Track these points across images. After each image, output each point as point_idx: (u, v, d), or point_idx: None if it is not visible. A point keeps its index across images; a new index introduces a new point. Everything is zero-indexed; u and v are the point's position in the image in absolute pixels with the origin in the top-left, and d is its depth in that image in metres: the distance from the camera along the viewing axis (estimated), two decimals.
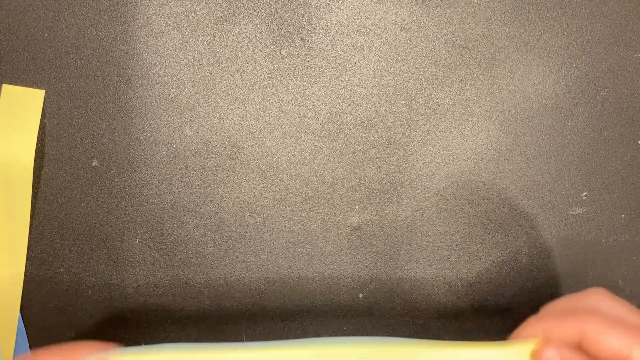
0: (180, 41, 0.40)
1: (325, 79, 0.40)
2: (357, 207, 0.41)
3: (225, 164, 0.41)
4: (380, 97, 0.40)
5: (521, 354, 0.29)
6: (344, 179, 0.41)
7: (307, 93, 0.40)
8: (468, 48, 0.40)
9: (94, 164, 0.41)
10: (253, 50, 0.40)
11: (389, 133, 0.41)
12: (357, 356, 0.31)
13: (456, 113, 0.41)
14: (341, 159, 0.41)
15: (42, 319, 0.42)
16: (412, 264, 0.42)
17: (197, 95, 0.40)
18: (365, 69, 0.40)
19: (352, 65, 0.40)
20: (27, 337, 0.42)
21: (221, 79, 0.40)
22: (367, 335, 0.43)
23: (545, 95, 0.41)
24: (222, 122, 0.40)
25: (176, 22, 0.40)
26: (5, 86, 0.40)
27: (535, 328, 0.29)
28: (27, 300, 0.41)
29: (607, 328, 0.28)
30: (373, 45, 0.40)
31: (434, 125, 0.41)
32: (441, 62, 0.40)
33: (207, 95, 0.40)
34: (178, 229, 0.41)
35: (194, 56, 0.40)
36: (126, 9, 0.39)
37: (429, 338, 0.43)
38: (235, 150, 0.41)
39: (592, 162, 0.41)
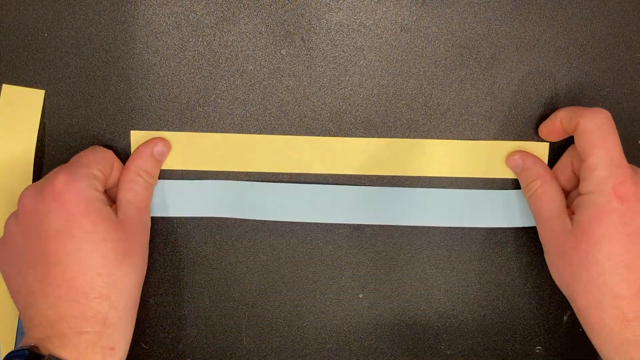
0: (180, 41, 0.40)
1: (325, 79, 0.40)
2: None
3: None
4: (380, 97, 0.40)
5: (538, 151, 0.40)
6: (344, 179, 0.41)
7: (307, 93, 0.40)
8: (468, 48, 0.40)
9: None
10: (253, 50, 0.40)
11: (389, 133, 0.41)
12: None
13: (456, 113, 0.41)
14: None
15: None
16: (412, 264, 0.42)
17: (197, 95, 0.40)
18: (365, 69, 0.40)
19: (352, 65, 0.40)
20: None
21: (221, 79, 0.40)
22: (367, 335, 0.43)
23: (545, 95, 0.41)
24: (222, 122, 0.40)
25: (176, 22, 0.40)
26: (5, 86, 0.40)
27: (556, 116, 0.38)
28: None
29: (588, 114, 0.36)
30: (373, 45, 0.40)
31: (434, 125, 0.41)
32: (441, 62, 0.40)
33: (207, 95, 0.40)
34: (178, 229, 0.41)
35: (194, 56, 0.40)
36: (126, 9, 0.39)
37: (429, 338, 0.43)
38: None
39: None
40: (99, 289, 0.34)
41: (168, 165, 0.40)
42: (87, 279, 0.34)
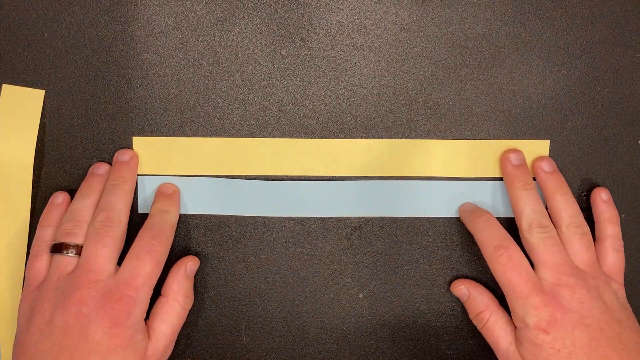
0: (180, 41, 0.40)
1: (325, 79, 0.40)
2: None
3: None
4: (380, 97, 0.40)
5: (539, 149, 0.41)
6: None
7: (307, 93, 0.40)
8: (468, 48, 0.40)
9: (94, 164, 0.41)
10: (253, 50, 0.40)
11: (389, 133, 0.41)
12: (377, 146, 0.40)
13: (456, 113, 0.41)
14: None
15: None
16: (412, 264, 0.42)
17: (197, 95, 0.40)
18: (365, 69, 0.40)
19: (352, 65, 0.40)
20: None
21: (221, 79, 0.40)
22: (367, 335, 0.43)
23: (545, 95, 0.41)
24: (222, 122, 0.40)
25: (176, 22, 0.40)
26: (5, 86, 0.40)
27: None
28: None
29: None
30: (373, 45, 0.40)
31: (434, 125, 0.41)
32: (441, 62, 0.40)
33: (207, 95, 0.40)
34: (178, 229, 0.41)
35: (194, 56, 0.40)
36: (126, 9, 0.39)
37: (428, 338, 0.43)
38: None
39: (592, 162, 0.41)
40: None
41: (170, 171, 0.40)
42: None
